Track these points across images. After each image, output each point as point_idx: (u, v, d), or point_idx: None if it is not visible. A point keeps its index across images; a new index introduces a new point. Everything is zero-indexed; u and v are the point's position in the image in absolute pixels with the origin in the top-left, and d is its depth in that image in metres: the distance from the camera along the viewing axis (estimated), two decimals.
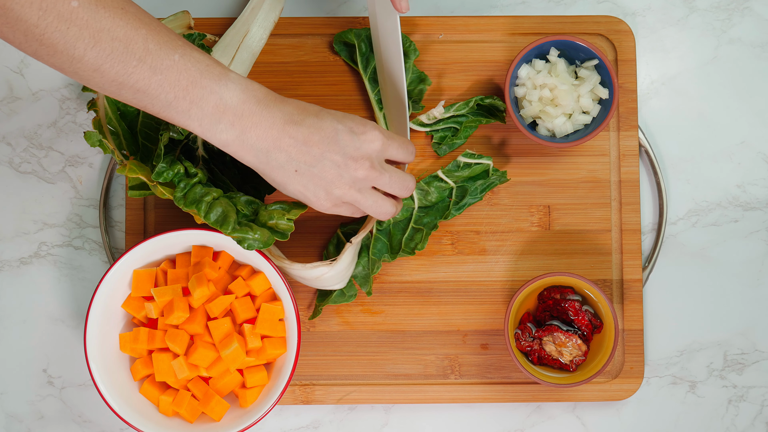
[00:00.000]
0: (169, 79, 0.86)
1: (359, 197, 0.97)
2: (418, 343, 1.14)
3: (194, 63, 0.87)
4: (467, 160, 1.12)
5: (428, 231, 1.12)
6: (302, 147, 0.92)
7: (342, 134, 0.94)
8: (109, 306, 1.07)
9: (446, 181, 1.13)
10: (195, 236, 1.07)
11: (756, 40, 1.17)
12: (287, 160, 0.93)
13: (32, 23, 0.80)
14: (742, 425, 1.15)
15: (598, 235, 1.14)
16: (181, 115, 0.89)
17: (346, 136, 0.94)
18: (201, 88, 0.88)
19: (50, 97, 1.17)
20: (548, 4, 1.18)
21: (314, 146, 0.93)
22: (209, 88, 0.88)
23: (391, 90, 1.10)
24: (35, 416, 1.15)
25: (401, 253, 1.11)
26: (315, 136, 0.92)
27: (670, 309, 1.16)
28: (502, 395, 1.14)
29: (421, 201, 1.12)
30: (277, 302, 1.07)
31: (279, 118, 0.91)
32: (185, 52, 0.87)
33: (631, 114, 1.15)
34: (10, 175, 1.17)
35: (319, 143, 0.93)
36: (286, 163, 0.93)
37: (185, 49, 0.87)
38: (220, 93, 0.89)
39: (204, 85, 0.88)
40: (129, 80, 0.85)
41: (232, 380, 1.07)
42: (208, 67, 0.88)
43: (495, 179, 1.13)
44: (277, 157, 0.93)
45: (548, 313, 1.09)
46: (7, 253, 1.16)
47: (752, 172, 1.16)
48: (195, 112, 0.89)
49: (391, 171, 0.98)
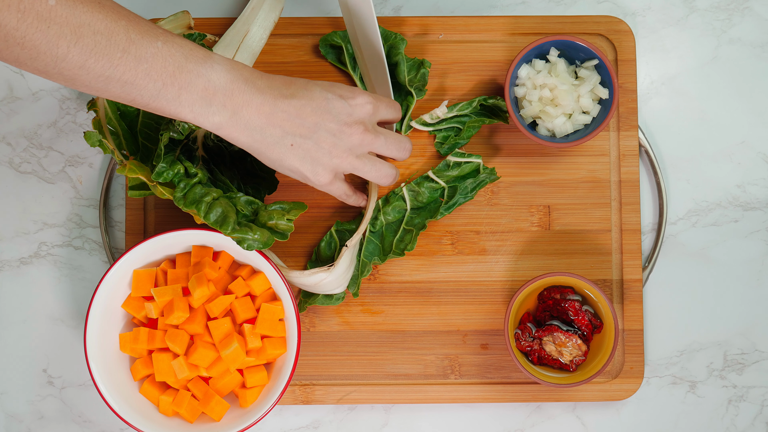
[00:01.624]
0: (155, 67, 0.86)
1: (358, 163, 0.98)
2: (418, 343, 1.14)
3: (178, 48, 0.87)
4: (457, 159, 1.12)
5: (417, 231, 1.12)
6: (296, 119, 0.93)
7: (333, 102, 0.95)
8: (109, 306, 1.07)
9: (437, 182, 1.13)
10: (195, 236, 1.07)
11: (756, 40, 1.17)
12: (282, 134, 0.93)
13: (12, 27, 0.79)
14: (742, 425, 1.15)
15: (598, 235, 1.14)
16: (171, 103, 0.88)
17: (338, 103, 0.95)
18: (188, 72, 0.87)
19: (50, 97, 1.17)
20: (548, 4, 1.18)
21: (308, 117, 0.94)
22: (196, 72, 0.88)
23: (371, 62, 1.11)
24: (35, 416, 1.15)
25: (391, 254, 1.11)
26: (307, 108, 0.93)
27: (670, 309, 1.16)
28: (502, 395, 1.14)
29: (413, 202, 1.12)
30: (277, 302, 1.07)
31: (269, 93, 0.92)
32: (167, 39, 0.87)
33: (631, 114, 1.15)
34: (10, 175, 1.17)
35: (312, 114, 0.94)
36: (281, 137, 0.93)
37: (167, 36, 0.87)
38: (208, 75, 0.89)
39: (190, 69, 0.88)
40: (115, 73, 0.85)
41: (232, 380, 1.07)
42: (192, 51, 0.88)
43: (485, 177, 1.13)
44: (272, 133, 0.93)
45: (548, 313, 1.09)
46: (7, 253, 1.16)
47: (752, 172, 1.16)
48: (185, 97, 0.88)
49: (385, 133, 1.00)
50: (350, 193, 1.04)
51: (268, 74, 0.94)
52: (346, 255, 1.07)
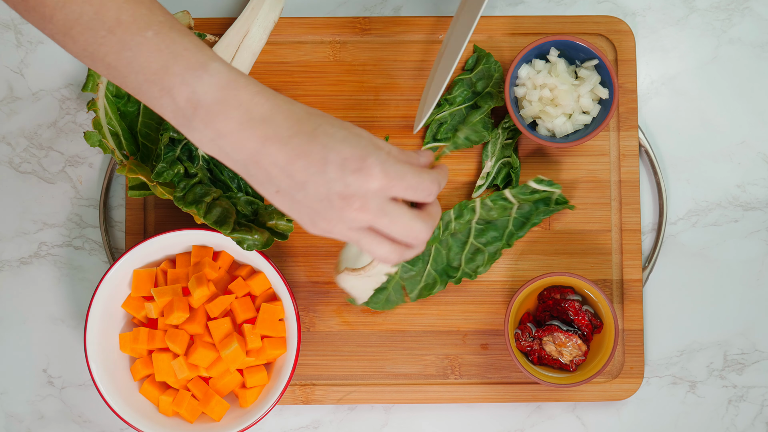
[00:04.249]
0: (138, 59, 0.75)
1: (350, 235, 0.80)
2: (418, 343, 1.14)
3: (169, 44, 0.75)
4: (537, 186, 1.10)
5: (491, 256, 1.11)
6: (283, 170, 0.77)
7: (331, 167, 0.77)
8: (109, 306, 1.07)
9: (511, 201, 1.10)
10: (195, 236, 1.07)
11: (756, 40, 1.17)
12: (267, 179, 0.78)
13: None
14: (742, 425, 1.15)
15: (598, 235, 1.14)
16: (152, 103, 0.77)
17: (335, 171, 0.77)
18: (172, 75, 0.76)
19: (50, 97, 1.17)
20: (548, 4, 1.18)
21: (297, 172, 0.77)
22: (181, 78, 0.76)
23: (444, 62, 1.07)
24: (35, 416, 1.15)
25: (461, 272, 1.11)
26: (299, 162, 0.77)
27: (670, 309, 1.16)
28: (502, 395, 1.14)
29: (482, 215, 1.11)
30: (277, 302, 1.07)
31: (260, 130, 0.77)
32: (161, 30, 0.75)
33: (631, 114, 1.15)
34: (10, 175, 1.17)
35: (302, 170, 0.77)
36: (266, 182, 0.79)
37: (162, 26, 0.76)
38: (194, 85, 0.76)
39: (176, 72, 0.76)
40: (99, 52, 0.76)
41: (232, 380, 1.07)
42: (186, 51, 0.76)
43: (559, 208, 1.12)
44: (256, 174, 0.78)
45: (548, 313, 1.09)
46: (7, 253, 1.16)
47: (752, 172, 1.16)
48: (167, 102, 0.76)
49: (393, 214, 0.80)
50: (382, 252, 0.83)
51: (278, 103, 0.78)
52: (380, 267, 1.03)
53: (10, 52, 1.17)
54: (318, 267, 1.14)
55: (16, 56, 1.17)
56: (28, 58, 1.17)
